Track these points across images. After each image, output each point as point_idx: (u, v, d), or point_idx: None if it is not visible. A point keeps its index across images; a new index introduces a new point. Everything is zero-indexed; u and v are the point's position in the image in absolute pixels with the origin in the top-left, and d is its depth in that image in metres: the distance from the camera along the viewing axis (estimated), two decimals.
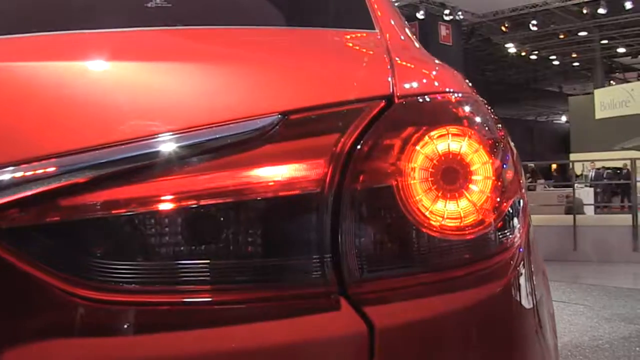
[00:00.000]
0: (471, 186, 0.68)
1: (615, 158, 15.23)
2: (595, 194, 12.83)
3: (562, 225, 7.94)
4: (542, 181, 14.10)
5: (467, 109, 0.73)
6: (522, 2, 16.88)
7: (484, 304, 0.68)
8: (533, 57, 23.83)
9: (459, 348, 0.67)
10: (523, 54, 23.27)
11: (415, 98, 0.71)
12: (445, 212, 0.67)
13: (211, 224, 0.62)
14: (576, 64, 25.59)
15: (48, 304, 0.59)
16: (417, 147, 0.67)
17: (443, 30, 16.63)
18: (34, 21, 0.94)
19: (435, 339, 0.66)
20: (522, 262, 0.74)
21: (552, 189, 12.81)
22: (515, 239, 0.73)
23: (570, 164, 11.96)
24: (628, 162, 9.94)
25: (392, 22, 0.98)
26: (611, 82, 25.33)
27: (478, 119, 0.73)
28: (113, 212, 0.61)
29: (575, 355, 3.51)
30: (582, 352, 3.58)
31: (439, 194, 0.67)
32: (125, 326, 0.60)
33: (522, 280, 0.74)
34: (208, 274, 0.61)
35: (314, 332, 0.61)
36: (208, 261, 0.61)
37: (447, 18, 16.47)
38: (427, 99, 0.71)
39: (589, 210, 10.49)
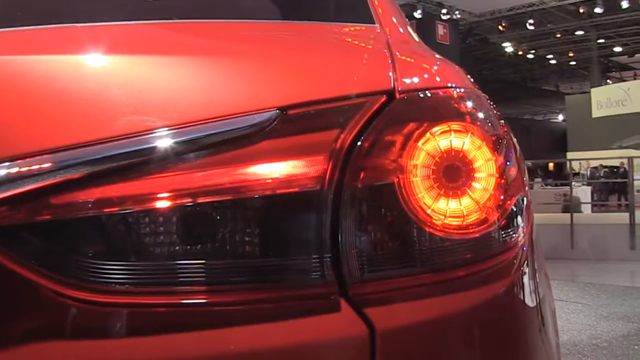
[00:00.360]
0: (474, 184, 0.67)
1: (612, 157, 15.28)
2: (592, 192, 12.86)
3: (560, 224, 7.96)
4: (539, 180, 14.17)
5: (469, 104, 0.72)
6: (519, 1, 16.92)
7: (487, 304, 0.66)
8: (530, 56, 23.91)
9: (463, 349, 0.66)
10: (520, 53, 23.34)
11: (417, 93, 0.69)
12: (447, 211, 0.65)
13: (207, 222, 0.60)
14: (573, 63, 25.67)
15: (38, 305, 0.58)
16: (419, 144, 0.65)
17: (440, 30, 16.67)
18: (27, 14, 0.92)
19: (438, 340, 0.64)
20: (526, 261, 0.72)
21: (549, 187, 12.85)
22: (519, 238, 0.71)
23: (568, 162, 12.00)
24: (625, 161, 9.97)
25: (392, 17, 0.96)
26: (608, 81, 25.41)
27: (480, 115, 0.72)
28: (106, 210, 0.59)
29: (573, 353, 3.51)
30: (581, 350, 3.58)
31: (441, 192, 0.65)
32: (118, 328, 0.59)
33: (525, 279, 0.72)
34: (204, 274, 0.60)
35: (313, 334, 0.60)
36: (204, 261, 0.60)
37: (444, 17, 16.52)
38: (429, 94, 0.70)
39: (586, 209, 10.53)
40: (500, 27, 18.97)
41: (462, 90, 0.73)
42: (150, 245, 0.59)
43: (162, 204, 0.59)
